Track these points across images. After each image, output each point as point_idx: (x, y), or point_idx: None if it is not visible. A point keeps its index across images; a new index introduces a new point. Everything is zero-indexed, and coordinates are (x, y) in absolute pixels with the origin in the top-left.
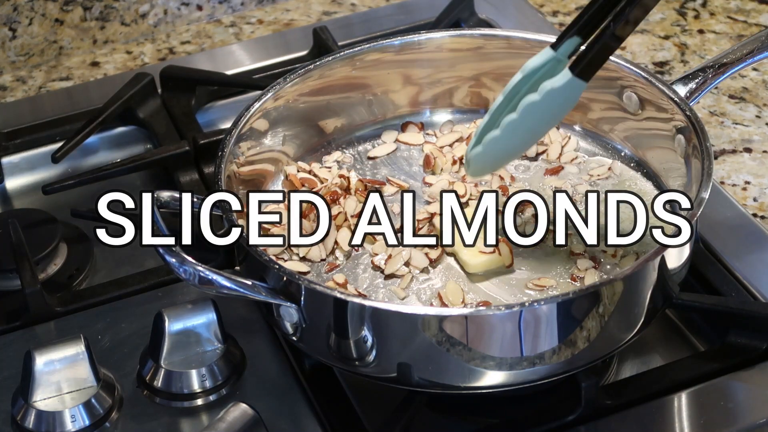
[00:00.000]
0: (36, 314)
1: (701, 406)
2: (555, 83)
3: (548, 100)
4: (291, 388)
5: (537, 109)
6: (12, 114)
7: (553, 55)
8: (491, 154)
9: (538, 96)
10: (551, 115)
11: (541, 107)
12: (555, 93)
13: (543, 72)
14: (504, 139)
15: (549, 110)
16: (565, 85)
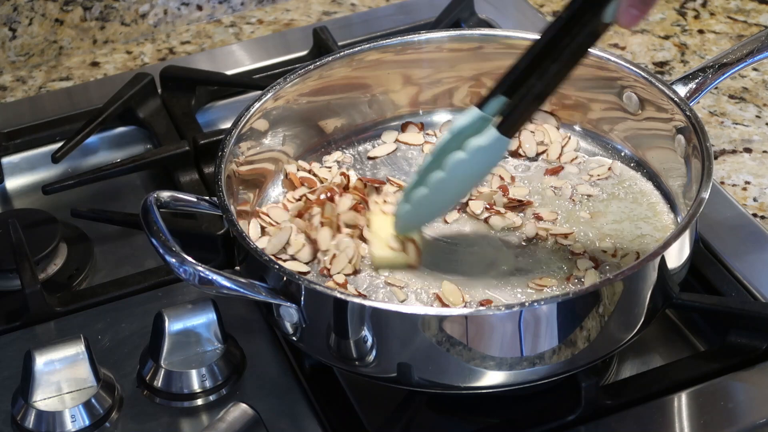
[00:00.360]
0: (36, 314)
1: (701, 406)
2: (481, 141)
3: (475, 157)
4: (291, 388)
5: (464, 166)
6: (12, 114)
7: (480, 115)
8: (420, 212)
9: (465, 154)
10: (478, 171)
11: (468, 164)
12: (481, 150)
13: (470, 132)
14: (432, 196)
15: (475, 167)
16: (491, 142)
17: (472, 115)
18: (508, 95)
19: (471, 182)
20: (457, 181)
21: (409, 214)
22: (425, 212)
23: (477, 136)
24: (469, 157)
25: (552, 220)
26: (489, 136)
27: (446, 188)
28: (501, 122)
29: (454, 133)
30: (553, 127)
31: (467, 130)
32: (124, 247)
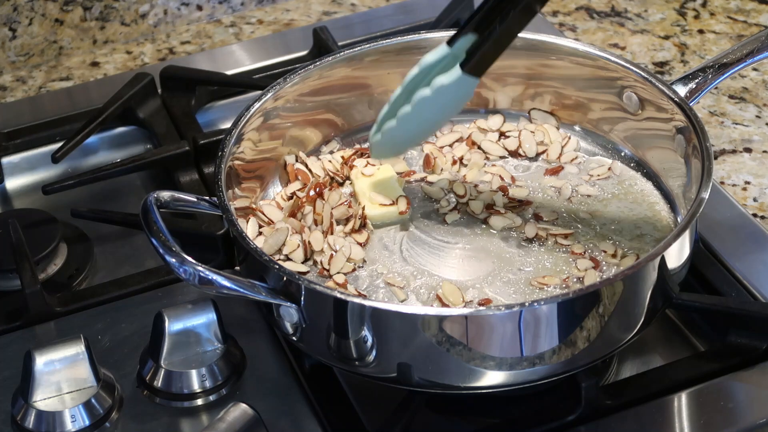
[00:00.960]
0: (36, 314)
1: (701, 406)
2: (446, 79)
3: (439, 96)
4: (291, 388)
5: (428, 104)
6: (12, 114)
7: (449, 51)
8: (389, 142)
9: (430, 91)
10: (443, 109)
11: (432, 102)
12: (445, 89)
13: (440, 67)
14: (399, 129)
15: (440, 105)
16: (455, 81)
17: (441, 51)
18: (478, 32)
19: (437, 119)
20: (423, 118)
21: (380, 143)
22: (394, 143)
23: (442, 74)
24: (433, 95)
25: (552, 220)
26: (453, 75)
27: (412, 123)
28: (465, 61)
29: (422, 68)
30: (553, 127)
31: (436, 65)
32: (124, 247)
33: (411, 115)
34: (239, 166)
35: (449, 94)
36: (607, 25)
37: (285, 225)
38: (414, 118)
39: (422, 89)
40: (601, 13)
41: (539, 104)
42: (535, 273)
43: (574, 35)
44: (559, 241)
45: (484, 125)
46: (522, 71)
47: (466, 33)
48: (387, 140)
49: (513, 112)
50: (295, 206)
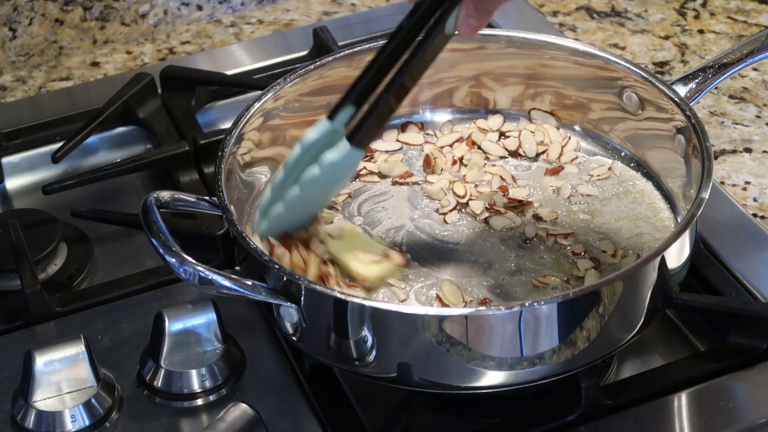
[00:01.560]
0: (36, 314)
1: (701, 406)
2: (334, 156)
3: (329, 172)
4: (291, 388)
5: (318, 182)
6: (12, 114)
7: (330, 127)
8: (277, 227)
9: (319, 169)
10: (332, 185)
11: (322, 179)
12: (335, 164)
13: (322, 144)
14: (288, 213)
15: (330, 181)
16: (344, 155)
17: (321, 128)
18: (357, 105)
19: (327, 195)
20: (313, 197)
21: (269, 229)
22: (283, 226)
23: (330, 150)
24: (322, 173)
25: (552, 220)
26: (341, 149)
27: (303, 204)
28: (352, 134)
29: (305, 147)
30: (553, 127)
31: (318, 142)
32: (124, 247)
33: (301, 196)
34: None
35: (338, 168)
36: (607, 25)
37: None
38: (305, 198)
39: (310, 168)
40: (601, 13)
41: (539, 104)
42: (535, 273)
43: (574, 35)
44: (559, 241)
45: (484, 125)
46: (522, 71)
47: (346, 105)
48: (276, 225)
49: (513, 112)
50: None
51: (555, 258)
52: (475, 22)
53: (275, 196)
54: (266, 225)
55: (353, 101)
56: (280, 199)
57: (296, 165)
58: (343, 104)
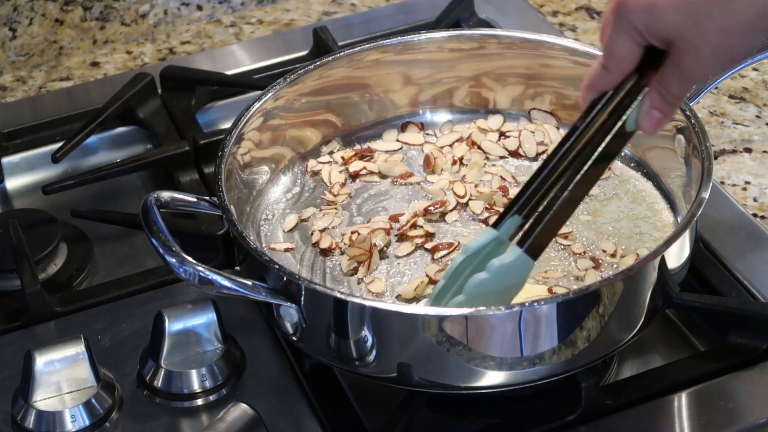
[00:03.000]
0: (36, 314)
1: (701, 406)
2: (504, 259)
3: (498, 277)
4: (291, 388)
5: (486, 287)
6: (12, 114)
7: (496, 235)
8: None
9: (487, 274)
10: (500, 292)
11: (490, 284)
12: (504, 269)
13: (485, 253)
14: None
15: (498, 287)
16: (515, 261)
17: (487, 236)
18: (523, 215)
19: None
20: (478, 304)
21: None
22: None
23: (500, 256)
24: (491, 277)
25: None
26: (512, 255)
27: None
28: (525, 243)
29: (468, 254)
30: (553, 127)
31: (482, 250)
32: (124, 247)
33: (467, 303)
34: (238, 166)
35: (508, 274)
36: None
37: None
38: (469, 304)
39: (477, 274)
40: (601, 13)
41: (539, 104)
42: (536, 272)
43: (574, 35)
44: (559, 241)
45: (484, 125)
46: (522, 71)
47: (512, 215)
48: None
49: (513, 112)
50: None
51: (555, 257)
52: (659, 115)
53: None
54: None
55: (519, 211)
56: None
57: (458, 272)
58: (508, 214)
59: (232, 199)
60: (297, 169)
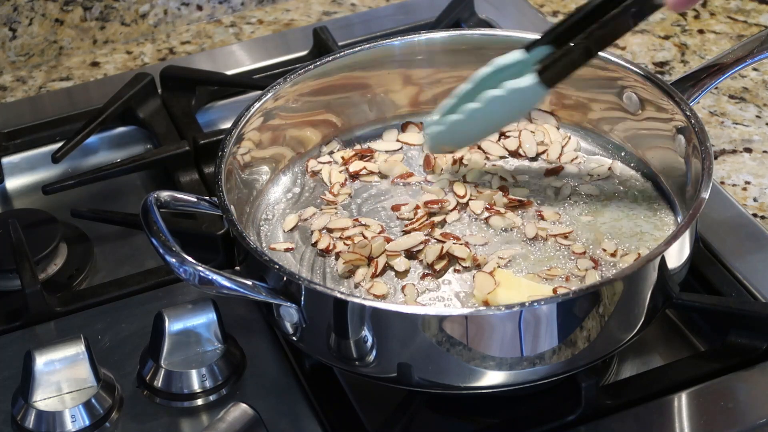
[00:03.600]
0: (36, 314)
1: (701, 406)
2: (520, 83)
3: (511, 97)
4: (291, 388)
5: (498, 103)
6: (12, 114)
7: (524, 58)
8: (450, 135)
9: (503, 91)
10: (510, 111)
11: (503, 102)
12: (518, 92)
13: (511, 71)
14: (465, 123)
15: (509, 106)
16: (529, 86)
17: (516, 56)
18: (556, 45)
19: (502, 120)
20: (490, 116)
21: (441, 134)
22: (455, 137)
23: (517, 79)
24: (506, 96)
25: (553, 220)
26: (528, 80)
27: (479, 120)
28: (543, 70)
29: (495, 68)
30: (553, 127)
31: (508, 68)
32: (124, 247)
33: (479, 111)
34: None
35: (520, 97)
36: None
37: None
38: (481, 114)
39: (494, 89)
40: None
41: (539, 104)
42: (539, 269)
43: None
44: (559, 241)
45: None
46: None
47: (545, 43)
48: (449, 132)
49: None
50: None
51: (555, 258)
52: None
53: (455, 105)
54: (440, 128)
55: (552, 41)
56: (459, 110)
57: (483, 81)
58: (542, 41)
59: (232, 199)
60: (297, 169)
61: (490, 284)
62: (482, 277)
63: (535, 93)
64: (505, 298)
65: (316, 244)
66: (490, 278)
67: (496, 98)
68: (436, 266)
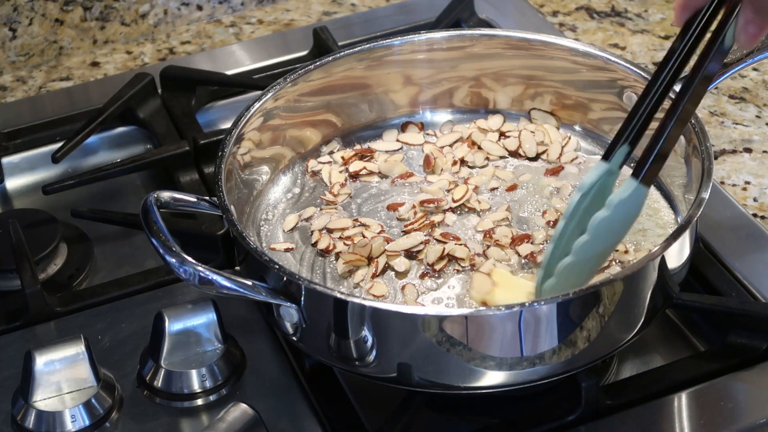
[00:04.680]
0: (36, 314)
1: (701, 406)
2: (623, 194)
3: (619, 212)
4: (291, 388)
5: (608, 224)
6: (12, 114)
7: (607, 167)
8: (567, 278)
9: (608, 211)
10: (622, 226)
11: (612, 221)
12: (624, 204)
13: (599, 187)
14: (580, 263)
15: (620, 222)
16: (633, 193)
17: (599, 169)
18: (632, 144)
19: (616, 239)
20: (603, 241)
21: (557, 287)
22: (573, 281)
23: (617, 192)
24: (613, 214)
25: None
26: (629, 188)
27: (592, 251)
28: (637, 171)
29: (584, 191)
30: (553, 127)
31: (595, 185)
32: (124, 247)
33: (590, 242)
34: (238, 166)
35: (628, 207)
36: (607, 25)
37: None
38: (594, 244)
39: (598, 213)
40: (601, 13)
41: (539, 104)
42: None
43: (574, 35)
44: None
45: (484, 125)
46: (522, 71)
47: (621, 146)
48: (564, 279)
49: (513, 112)
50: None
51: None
52: (755, 29)
53: (559, 248)
54: (555, 281)
55: (627, 141)
56: (567, 250)
57: (576, 212)
58: (617, 145)
59: (232, 199)
60: (297, 169)
61: (488, 284)
62: (479, 277)
63: (639, 196)
64: (502, 299)
65: (316, 244)
66: (488, 278)
67: (604, 220)
68: (437, 266)
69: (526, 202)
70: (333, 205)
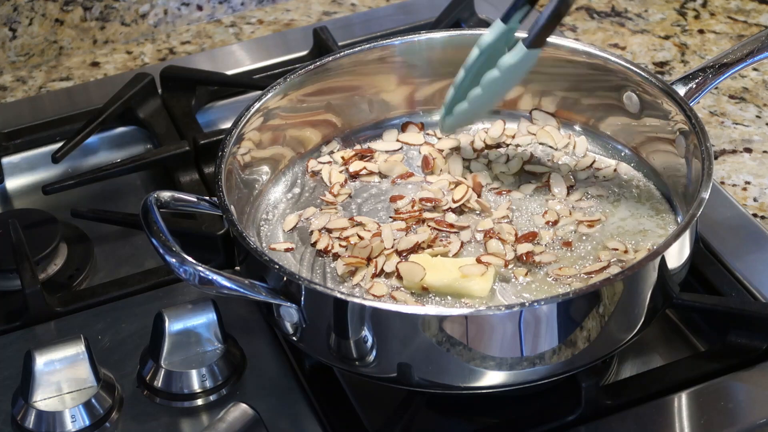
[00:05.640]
0: (36, 314)
1: (701, 406)
2: (512, 59)
3: (507, 74)
4: (291, 388)
5: (498, 82)
6: (12, 114)
7: (505, 27)
8: (462, 120)
9: (499, 72)
10: (511, 83)
11: (501, 80)
12: (513, 67)
13: (497, 45)
14: (471, 108)
15: (508, 80)
16: (522, 57)
17: (497, 29)
18: (531, 3)
19: (505, 92)
20: (492, 94)
21: (455, 120)
22: (467, 119)
23: (508, 54)
24: (502, 75)
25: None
26: (519, 53)
27: (483, 100)
28: (528, 37)
29: (482, 48)
30: (554, 127)
31: (495, 44)
32: (124, 247)
33: (482, 95)
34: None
35: (517, 70)
36: (607, 25)
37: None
38: (485, 96)
39: (490, 72)
40: (601, 13)
41: (540, 104)
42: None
43: (574, 35)
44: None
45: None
46: None
47: (520, 6)
48: (460, 118)
49: (513, 113)
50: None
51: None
52: None
53: (458, 96)
54: (452, 120)
55: (526, 1)
56: (463, 98)
57: (474, 65)
58: (516, 5)
59: (232, 199)
60: (297, 169)
61: (419, 271)
62: (408, 266)
63: (529, 59)
64: (437, 279)
65: (316, 244)
66: (416, 266)
67: (495, 79)
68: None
69: (526, 202)
70: (333, 205)
